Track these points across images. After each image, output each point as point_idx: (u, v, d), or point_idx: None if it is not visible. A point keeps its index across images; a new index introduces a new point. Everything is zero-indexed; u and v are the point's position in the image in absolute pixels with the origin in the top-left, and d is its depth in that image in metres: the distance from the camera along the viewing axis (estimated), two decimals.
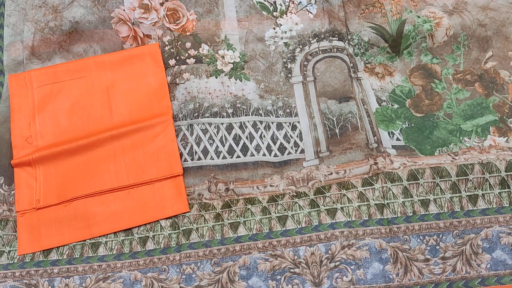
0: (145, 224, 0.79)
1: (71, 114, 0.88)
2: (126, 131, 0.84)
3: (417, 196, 0.78)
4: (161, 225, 0.79)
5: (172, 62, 0.92)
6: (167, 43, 0.94)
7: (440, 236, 0.75)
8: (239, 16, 0.96)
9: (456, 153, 0.81)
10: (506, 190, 0.77)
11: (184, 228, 0.78)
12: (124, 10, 0.95)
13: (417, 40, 0.90)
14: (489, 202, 0.77)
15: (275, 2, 0.97)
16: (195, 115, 0.87)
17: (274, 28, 0.95)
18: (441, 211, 0.76)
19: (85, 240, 0.79)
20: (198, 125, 0.86)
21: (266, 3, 0.97)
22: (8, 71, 0.93)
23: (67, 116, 0.88)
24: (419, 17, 0.91)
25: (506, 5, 0.93)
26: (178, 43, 0.94)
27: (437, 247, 0.74)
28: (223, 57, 0.93)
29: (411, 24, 0.90)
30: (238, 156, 0.84)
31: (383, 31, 0.92)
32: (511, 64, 0.89)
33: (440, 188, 0.78)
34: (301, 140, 0.85)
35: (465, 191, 0.78)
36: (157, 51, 0.92)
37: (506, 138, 0.82)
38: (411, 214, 0.76)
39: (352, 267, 0.74)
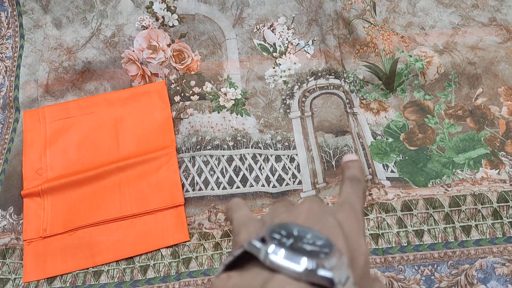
0: (146, 253, 0.82)
1: (80, 147, 0.92)
2: (131, 163, 0.88)
3: (411, 226, 0.79)
4: (161, 254, 0.81)
5: (177, 98, 0.97)
6: (173, 81, 0.99)
7: (435, 266, 0.76)
8: (241, 57, 1.02)
9: (449, 185, 0.83)
10: (499, 221, 0.79)
11: (184, 256, 0.80)
12: (133, 51, 1.01)
13: (410, 77, 0.95)
14: (483, 232, 0.78)
15: (274, 44, 1.03)
16: (197, 147, 0.91)
17: (274, 68, 1.00)
18: (435, 242, 0.78)
19: (88, 268, 0.81)
20: (200, 157, 0.90)
21: (266, 44, 1.03)
22: (23, 107, 0.98)
23: (76, 149, 0.92)
24: (411, 56, 0.96)
25: (494, 44, 0.98)
26: (183, 81, 0.99)
27: (432, 277, 0.75)
28: (225, 94, 0.98)
29: (404, 63, 0.95)
30: (238, 187, 0.87)
31: (377, 69, 0.97)
32: (501, 100, 0.92)
33: (434, 219, 0.80)
34: (299, 171, 0.88)
35: (459, 222, 0.79)
36: (164, 89, 0.98)
37: (498, 170, 0.84)
38: (406, 244, 0.78)
39: None
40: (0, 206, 0.87)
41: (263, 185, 0.87)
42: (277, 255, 0.23)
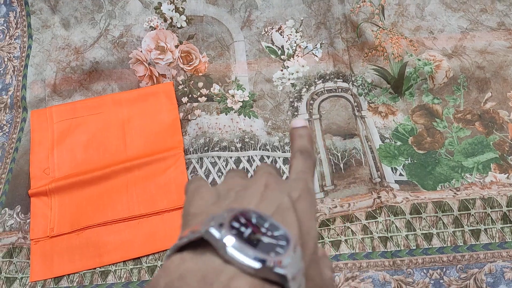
0: (153, 253, 0.81)
1: (88, 147, 0.92)
2: (139, 164, 0.88)
3: (420, 229, 0.79)
4: None
5: (185, 99, 0.97)
6: (180, 82, 0.99)
7: (444, 270, 0.76)
8: (249, 59, 1.02)
9: (458, 189, 0.83)
10: (509, 225, 0.78)
11: None
12: (141, 51, 1.01)
13: (418, 81, 0.95)
14: (492, 236, 0.78)
15: (282, 47, 1.03)
16: (205, 149, 0.91)
17: (282, 70, 1.00)
18: (444, 245, 0.78)
19: (95, 268, 0.81)
20: (207, 158, 0.90)
21: (274, 47, 1.03)
22: (31, 107, 0.98)
23: (83, 149, 0.92)
24: (419, 60, 0.96)
25: (503, 49, 0.98)
26: (191, 83, 0.99)
27: (441, 281, 0.75)
28: (233, 96, 0.98)
29: (412, 66, 0.95)
30: None
31: (386, 73, 0.96)
32: (510, 104, 0.92)
33: (443, 222, 0.79)
34: None
35: (468, 226, 0.79)
36: (171, 90, 0.98)
37: (507, 174, 0.84)
38: (415, 248, 0.78)
39: None
40: (8, 205, 0.87)
41: None
42: (235, 249, 0.23)
